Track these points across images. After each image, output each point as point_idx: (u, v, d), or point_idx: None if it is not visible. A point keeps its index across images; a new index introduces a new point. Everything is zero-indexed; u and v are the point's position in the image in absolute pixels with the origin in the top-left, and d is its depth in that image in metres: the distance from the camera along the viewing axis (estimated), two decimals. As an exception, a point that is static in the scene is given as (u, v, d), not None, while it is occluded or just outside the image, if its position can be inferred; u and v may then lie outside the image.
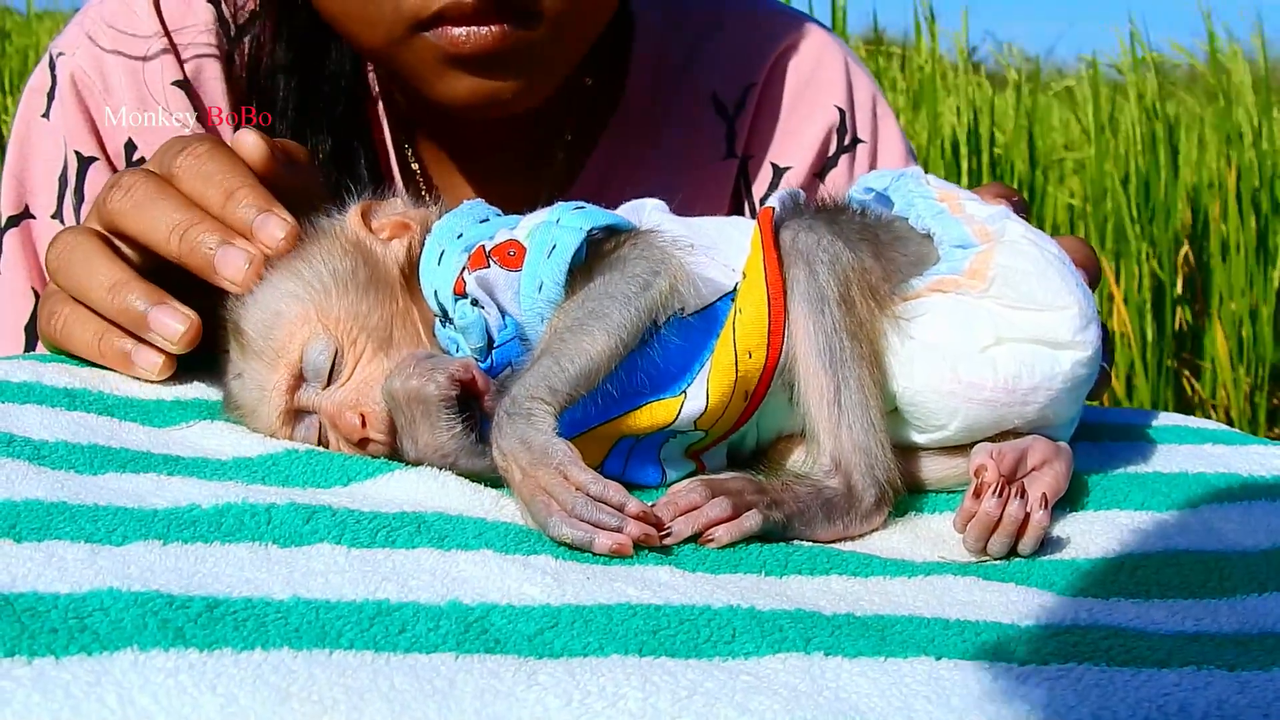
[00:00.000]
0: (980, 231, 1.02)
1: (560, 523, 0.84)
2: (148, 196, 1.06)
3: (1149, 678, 0.73)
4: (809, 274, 0.97)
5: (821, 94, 1.66)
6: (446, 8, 1.23)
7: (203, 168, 1.06)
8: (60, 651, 0.62)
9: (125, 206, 1.07)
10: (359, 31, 1.30)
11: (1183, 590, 0.90)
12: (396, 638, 0.68)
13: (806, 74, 1.65)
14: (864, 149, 1.67)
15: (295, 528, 0.80)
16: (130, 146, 1.43)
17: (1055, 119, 5.59)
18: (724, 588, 0.80)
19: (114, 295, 1.06)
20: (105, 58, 1.44)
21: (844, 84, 1.66)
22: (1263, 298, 3.92)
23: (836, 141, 1.66)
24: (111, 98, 1.43)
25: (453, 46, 1.25)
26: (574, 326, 0.92)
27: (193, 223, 1.04)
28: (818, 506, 0.93)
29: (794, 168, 1.65)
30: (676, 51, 1.63)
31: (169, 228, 1.04)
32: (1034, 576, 0.90)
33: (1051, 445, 1.00)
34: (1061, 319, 0.99)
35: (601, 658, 0.69)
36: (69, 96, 1.44)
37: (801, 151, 1.65)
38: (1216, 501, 1.05)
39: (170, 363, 1.08)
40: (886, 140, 1.69)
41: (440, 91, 1.31)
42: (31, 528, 0.76)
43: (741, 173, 1.66)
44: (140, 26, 1.45)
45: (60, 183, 1.44)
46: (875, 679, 0.69)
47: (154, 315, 1.05)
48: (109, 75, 1.44)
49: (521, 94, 1.33)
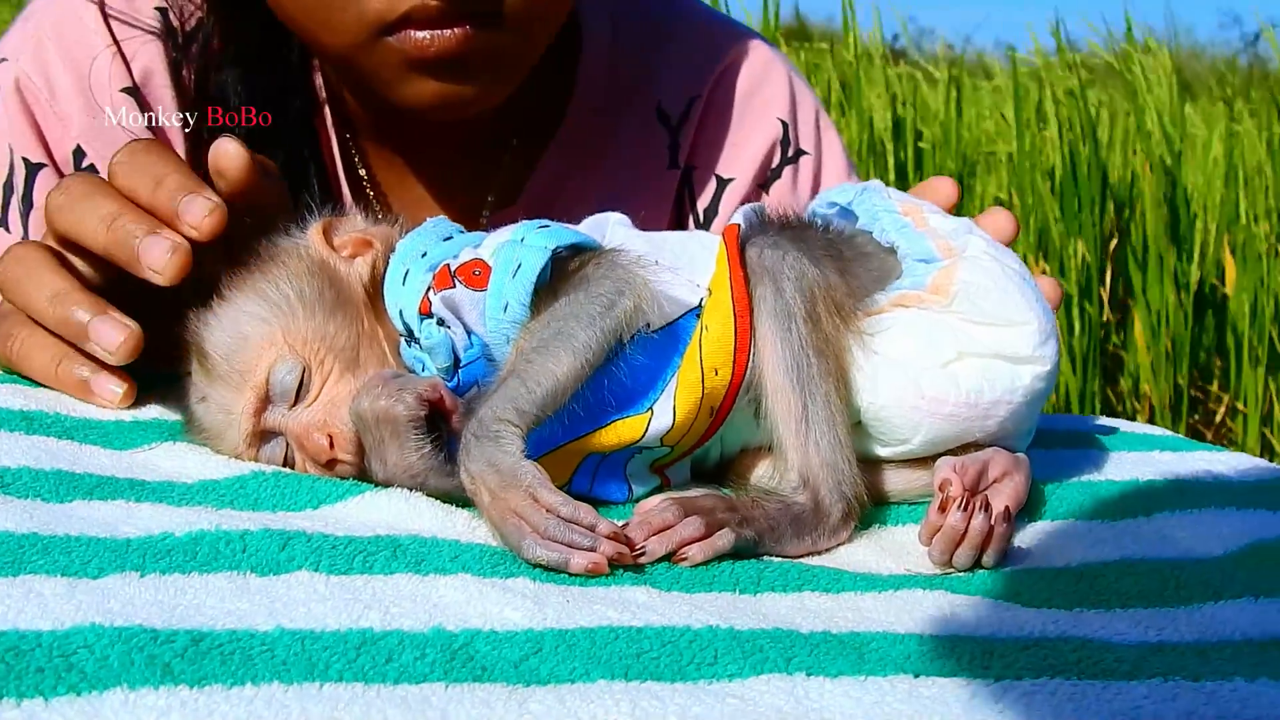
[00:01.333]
0: (943, 246, 1.03)
1: (534, 544, 0.84)
2: (82, 193, 1.05)
3: (1119, 690, 0.74)
4: (775, 291, 0.98)
5: (765, 107, 1.67)
6: (413, 10, 1.22)
7: (135, 160, 1.05)
8: (49, 692, 0.62)
9: (61, 203, 1.06)
10: (321, 35, 1.29)
11: (1142, 600, 0.91)
12: (384, 668, 0.68)
13: (750, 87, 1.67)
14: (807, 161, 1.69)
15: (271, 555, 0.80)
16: (79, 153, 1.42)
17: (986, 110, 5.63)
18: (702, 608, 0.80)
19: (55, 305, 1.05)
20: (52, 64, 1.42)
21: (787, 98, 1.68)
22: (1184, 290, 3.98)
23: (780, 154, 1.68)
24: (59, 104, 1.42)
25: (417, 50, 1.25)
26: (540, 347, 0.93)
27: (120, 213, 1.03)
28: (787, 523, 0.94)
29: (737, 179, 1.66)
30: (623, 63, 1.64)
31: (97, 220, 1.03)
32: (999, 588, 0.91)
33: (1011, 457, 1.02)
34: (1022, 334, 1.01)
35: (589, 683, 0.69)
36: (13, 103, 1.42)
37: (744, 163, 1.67)
38: (1168, 509, 1.07)
39: (130, 392, 1.07)
40: (829, 153, 1.72)
41: (404, 95, 1.31)
42: (4, 561, 0.75)
43: (685, 183, 1.67)
44: (87, 33, 1.43)
45: (5, 189, 1.42)
46: (858, 698, 0.70)
47: (94, 325, 1.04)
48: (55, 81, 1.42)
49: (483, 95, 1.34)
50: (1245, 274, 3.99)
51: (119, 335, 1.03)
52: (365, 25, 1.25)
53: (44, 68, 1.43)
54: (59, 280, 1.06)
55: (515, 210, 1.56)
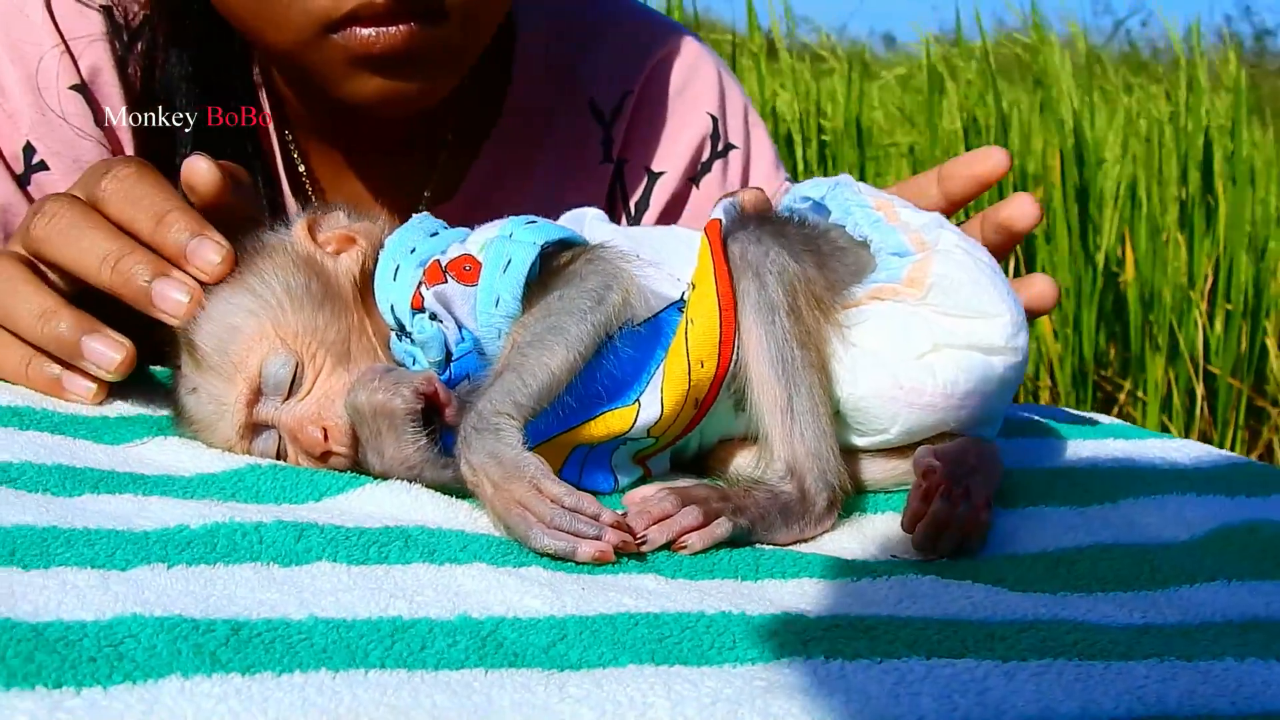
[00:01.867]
0: (916, 240, 1.05)
1: (541, 534, 0.86)
2: (72, 224, 1.04)
3: (1120, 671, 0.76)
4: (759, 285, 1.00)
5: (695, 102, 1.70)
6: (359, 8, 1.23)
7: (130, 191, 1.05)
8: (105, 681, 0.62)
9: (49, 234, 1.05)
10: (266, 32, 1.29)
11: (1119, 584, 0.94)
12: (421, 654, 0.70)
13: (681, 83, 1.70)
14: (736, 155, 1.72)
15: (289, 546, 0.81)
16: (29, 150, 1.41)
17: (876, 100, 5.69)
18: (710, 594, 0.82)
19: (44, 323, 1.05)
20: (1, 64, 1.41)
21: (717, 93, 1.71)
22: (1088, 282, 4.05)
23: (710, 148, 1.71)
24: (7, 101, 1.40)
25: (363, 47, 1.25)
26: (534, 341, 0.94)
27: (124, 253, 1.02)
28: (776, 511, 0.96)
29: (668, 172, 1.69)
30: (557, 59, 1.66)
31: (98, 258, 1.02)
32: (983, 573, 0.93)
33: (984, 446, 1.05)
34: (995, 326, 1.03)
35: (619, 668, 0.71)
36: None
37: (675, 157, 1.70)
38: (1131, 496, 1.10)
39: (104, 387, 1.07)
40: (757, 147, 1.75)
41: (348, 91, 1.31)
42: (32, 554, 0.75)
43: (618, 177, 1.69)
44: (33, 30, 1.42)
45: None
46: (879, 679, 0.72)
47: (87, 344, 1.04)
48: (3, 78, 1.41)
49: (426, 91, 1.34)
50: (1145, 262, 4.07)
51: (116, 354, 1.04)
52: (311, 22, 1.25)
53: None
54: (44, 297, 1.06)
55: (452, 206, 1.58)
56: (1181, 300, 4.07)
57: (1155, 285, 4.08)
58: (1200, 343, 4.05)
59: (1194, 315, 4.06)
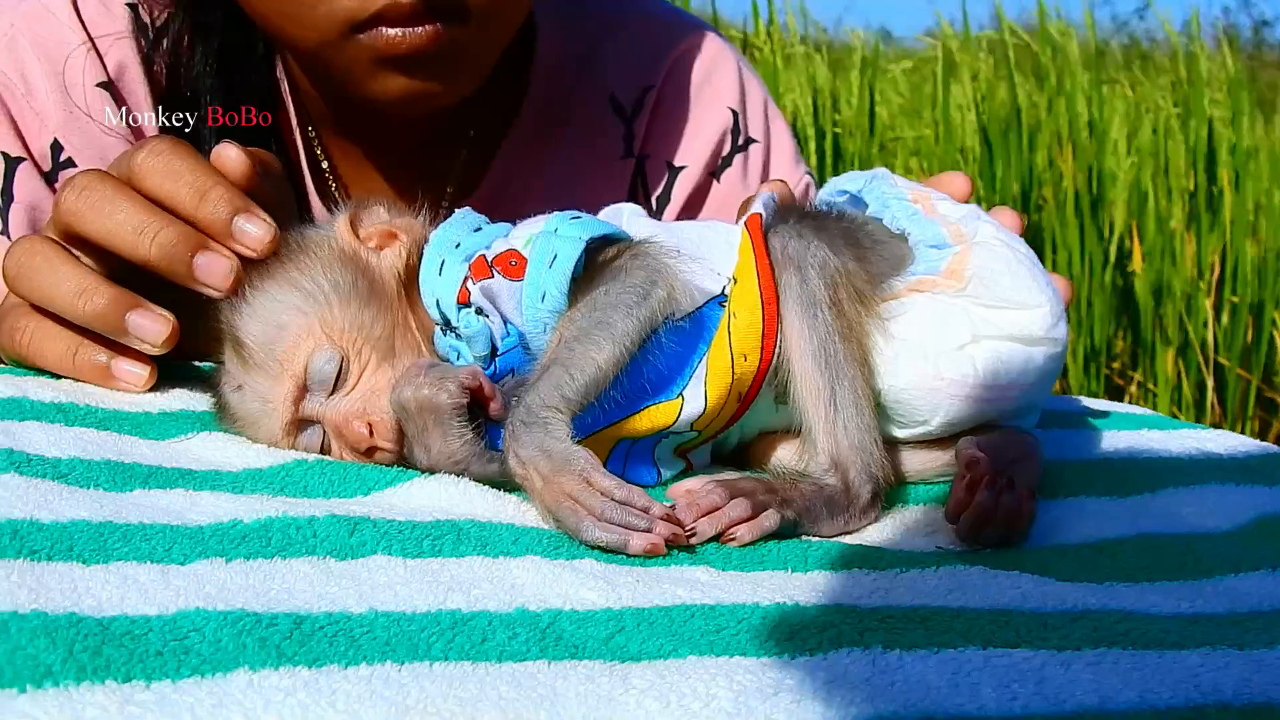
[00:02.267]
0: (954, 232, 1.06)
1: (592, 527, 0.86)
2: (105, 197, 1.04)
3: (1174, 660, 0.76)
4: (800, 279, 1.00)
5: (716, 96, 1.71)
6: (385, 9, 1.23)
7: (169, 165, 1.04)
8: (174, 675, 0.63)
9: (81, 207, 1.04)
10: (291, 31, 1.30)
11: (1164, 573, 0.94)
12: (483, 647, 0.70)
13: (701, 77, 1.70)
14: (757, 149, 1.72)
15: (343, 540, 0.81)
16: (56, 147, 1.41)
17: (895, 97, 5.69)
18: (762, 585, 0.82)
19: (84, 300, 1.04)
20: (26, 60, 1.41)
21: (737, 87, 1.72)
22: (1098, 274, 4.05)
23: (730, 142, 1.71)
24: (34, 99, 1.41)
25: (389, 48, 1.25)
26: (581, 336, 0.94)
27: (164, 225, 1.02)
28: (821, 503, 0.96)
29: (689, 167, 1.70)
30: (576, 56, 1.67)
31: (135, 230, 1.02)
32: (1030, 564, 0.94)
33: (1026, 437, 1.05)
34: (1034, 316, 1.03)
35: (680, 659, 0.71)
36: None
37: (696, 152, 1.70)
38: (1171, 486, 1.10)
39: (153, 373, 1.07)
40: (778, 140, 1.76)
41: (372, 90, 1.32)
42: (91, 549, 0.75)
43: (639, 172, 1.70)
44: (61, 28, 1.42)
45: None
46: (938, 669, 0.72)
47: (130, 319, 1.04)
48: (30, 77, 1.41)
49: (449, 90, 1.35)
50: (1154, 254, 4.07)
51: (161, 326, 1.04)
52: (336, 22, 1.25)
53: (19, 64, 1.42)
54: (82, 275, 1.05)
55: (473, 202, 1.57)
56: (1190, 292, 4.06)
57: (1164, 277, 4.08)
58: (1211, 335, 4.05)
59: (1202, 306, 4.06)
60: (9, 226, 1.40)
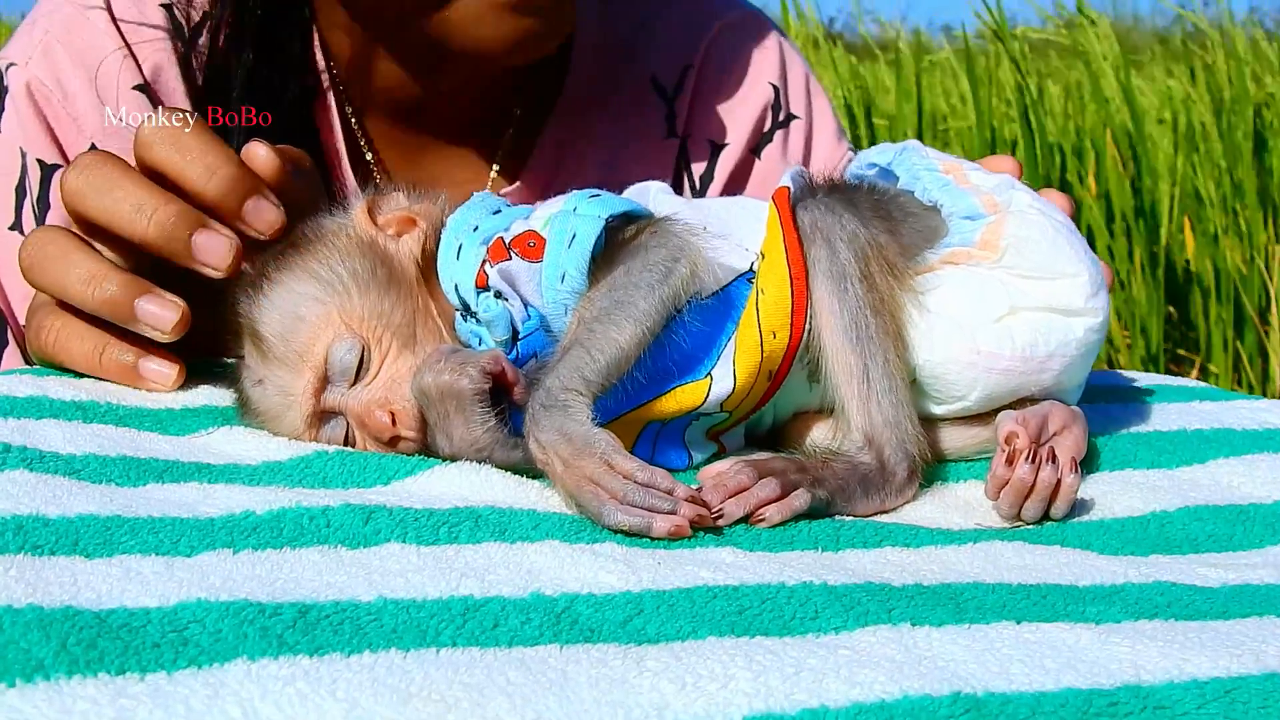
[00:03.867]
0: (988, 202, 1.03)
1: (614, 511, 0.84)
2: (106, 176, 1.03)
3: (1217, 631, 0.74)
4: (830, 253, 0.98)
5: (757, 73, 1.69)
6: None
7: (179, 139, 1.03)
8: (170, 666, 0.61)
9: (82, 186, 1.03)
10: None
11: (1213, 544, 0.92)
12: (493, 633, 0.68)
13: (742, 54, 1.69)
14: (799, 125, 1.71)
15: (356, 529, 0.79)
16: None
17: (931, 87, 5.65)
18: (790, 565, 0.80)
19: (93, 288, 1.02)
20: (62, 66, 1.41)
21: (778, 63, 1.70)
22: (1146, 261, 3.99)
23: (771, 118, 1.70)
24: (71, 105, 1.41)
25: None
26: (601, 316, 0.92)
27: (162, 203, 1.00)
28: (855, 482, 0.94)
29: (731, 144, 1.69)
30: (617, 35, 1.66)
31: (134, 208, 1.00)
32: (1070, 538, 0.91)
33: (1068, 409, 1.02)
34: (1073, 286, 1.01)
35: (699, 640, 0.69)
36: (26, 106, 1.40)
37: (738, 129, 1.69)
38: (1220, 456, 1.08)
39: (181, 373, 1.05)
40: (820, 117, 1.74)
41: (485, 37, 1.34)
42: (95, 543, 0.74)
43: (682, 153, 1.68)
44: (96, 34, 1.43)
45: (17, 193, 1.40)
46: (966, 645, 0.70)
47: (140, 305, 1.02)
48: (67, 83, 1.41)
49: (554, 34, 1.39)
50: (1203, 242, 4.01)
51: (169, 313, 1.02)
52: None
53: (55, 70, 1.42)
54: (93, 262, 1.03)
55: (517, 186, 1.59)
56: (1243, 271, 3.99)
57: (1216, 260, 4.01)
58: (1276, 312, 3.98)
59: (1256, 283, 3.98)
60: None
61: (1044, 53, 5.62)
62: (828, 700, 0.63)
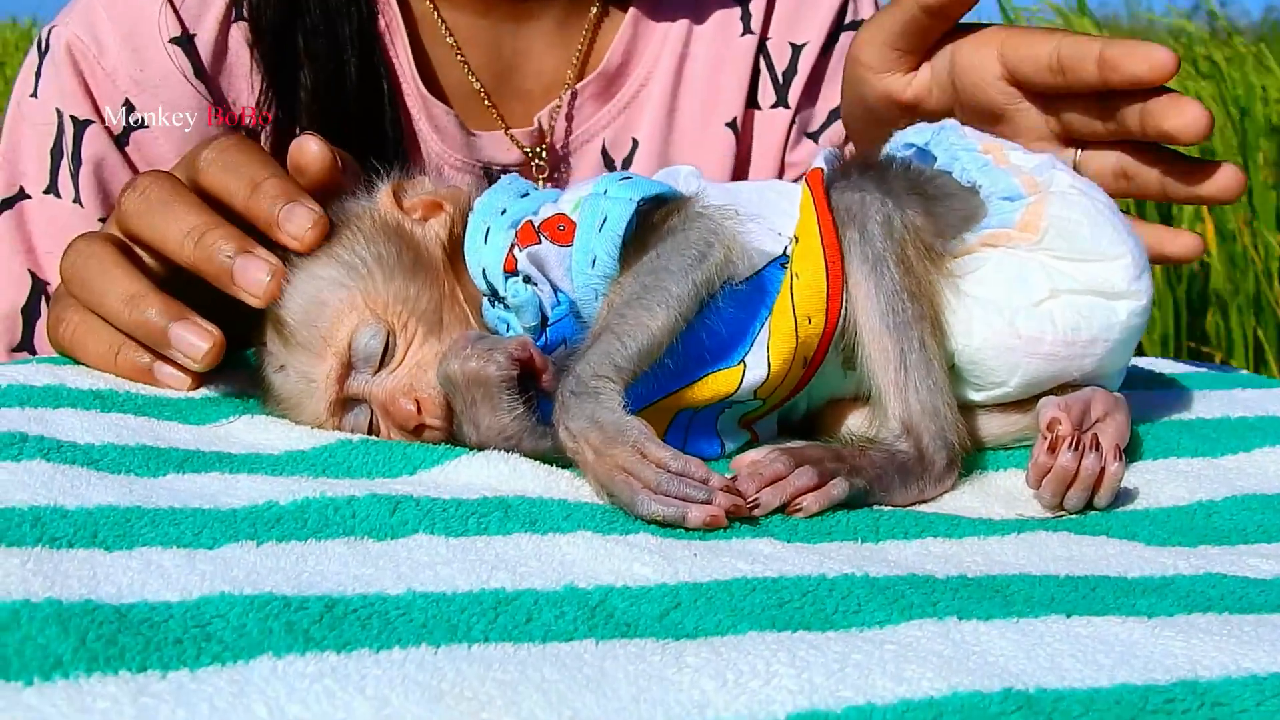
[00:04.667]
0: (1028, 182, 1.00)
1: (648, 500, 0.81)
2: (161, 199, 1.02)
3: (1273, 625, 0.72)
4: (864, 236, 0.95)
5: None
6: None
7: (228, 159, 1.02)
8: (192, 663, 0.59)
9: (139, 208, 1.02)
10: None
11: (1263, 534, 0.89)
12: (527, 627, 0.65)
13: None
14: None
15: (383, 520, 0.77)
16: (129, 106, 1.41)
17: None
18: (830, 557, 0.78)
19: (131, 308, 1.01)
20: (100, 22, 1.41)
21: None
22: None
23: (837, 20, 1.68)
24: (106, 59, 1.40)
25: None
26: (632, 301, 0.90)
27: (209, 227, 0.99)
28: (893, 471, 0.92)
29: (810, 43, 1.66)
30: None
31: (182, 232, 0.99)
32: (1115, 528, 0.89)
33: (1111, 396, 0.99)
34: (1116, 269, 0.98)
35: (739, 635, 0.66)
36: (64, 63, 1.40)
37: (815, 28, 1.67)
38: (1266, 444, 1.05)
39: (196, 375, 1.03)
40: None
41: None
42: (115, 535, 0.72)
43: (761, 51, 1.67)
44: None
45: (53, 155, 1.41)
46: (1016, 640, 0.67)
47: (175, 331, 0.99)
48: (103, 38, 1.41)
49: None
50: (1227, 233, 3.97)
51: (203, 342, 0.99)
52: None
53: (92, 26, 1.41)
54: (133, 281, 1.02)
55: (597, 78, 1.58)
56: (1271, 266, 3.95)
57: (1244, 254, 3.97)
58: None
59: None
60: (79, 193, 1.40)
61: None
62: (874, 697, 0.60)
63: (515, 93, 1.58)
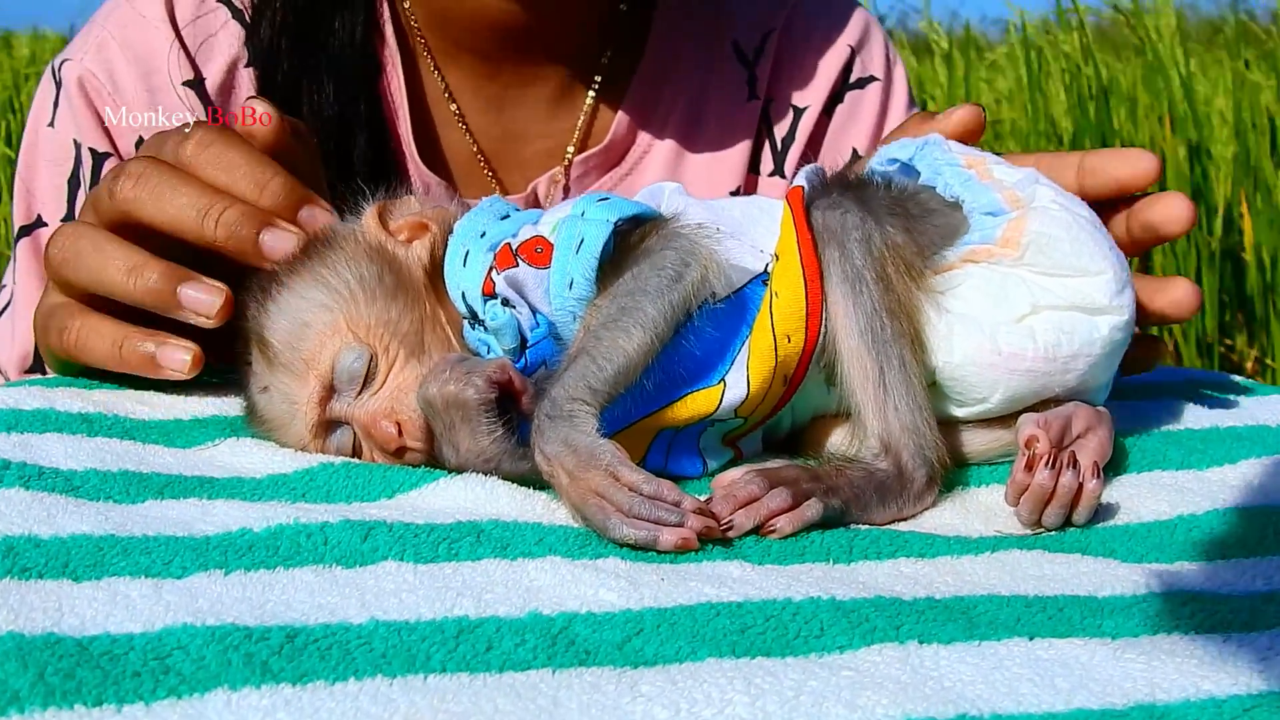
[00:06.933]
0: (1010, 197, 1.00)
1: (620, 524, 0.82)
2: (164, 182, 1.03)
3: (1241, 642, 0.72)
4: (843, 254, 0.95)
5: (838, 37, 1.69)
6: None
7: (222, 157, 1.04)
8: (148, 696, 0.60)
9: (140, 195, 1.04)
10: None
11: (1242, 549, 0.89)
12: (486, 656, 0.66)
13: (822, 18, 1.70)
14: (876, 87, 1.71)
15: (354, 546, 0.77)
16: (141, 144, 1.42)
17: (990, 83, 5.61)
18: (798, 579, 0.78)
19: (134, 277, 1.02)
20: (114, 59, 1.44)
21: (859, 26, 1.71)
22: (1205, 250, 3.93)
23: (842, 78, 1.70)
24: (121, 97, 1.43)
25: None
26: (608, 324, 0.90)
27: (227, 205, 1.01)
28: (871, 490, 0.92)
29: (811, 106, 1.68)
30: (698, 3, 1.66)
31: (199, 212, 1.01)
32: (1093, 545, 0.89)
33: (1093, 411, 0.99)
34: (1097, 284, 0.98)
35: (697, 662, 0.67)
36: (77, 98, 1.44)
37: (817, 91, 1.69)
38: (1253, 456, 1.04)
39: (199, 359, 1.04)
40: (898, 84, 1.73)
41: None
42: (85, 565, 0.73)
43: (764, 115, 1.68)
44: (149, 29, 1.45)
45: (70, 185, 1.43)
46: (975, 664, 0.68)
47: (183, 291, 1.02)
48: (118, 76, 1.44)
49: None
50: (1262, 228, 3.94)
51: (213, 297, 1.01)
52: None
53: (106, 64, 1.45)
54: (132, 253, 1.04)
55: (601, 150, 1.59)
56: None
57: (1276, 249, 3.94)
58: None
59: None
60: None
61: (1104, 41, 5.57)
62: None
63: (515, 160, 1.60)
